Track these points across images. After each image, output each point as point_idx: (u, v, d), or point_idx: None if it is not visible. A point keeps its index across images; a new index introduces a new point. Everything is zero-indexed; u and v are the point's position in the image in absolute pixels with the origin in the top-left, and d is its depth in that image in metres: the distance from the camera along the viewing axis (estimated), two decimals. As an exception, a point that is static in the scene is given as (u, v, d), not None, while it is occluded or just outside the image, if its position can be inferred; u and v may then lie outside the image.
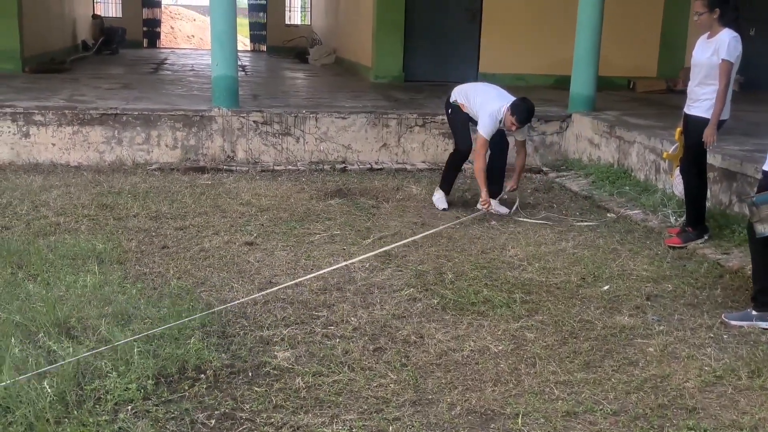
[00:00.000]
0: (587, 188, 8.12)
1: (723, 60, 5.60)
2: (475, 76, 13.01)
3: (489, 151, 6.98)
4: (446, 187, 7.28)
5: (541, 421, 3.47)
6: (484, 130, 6.69)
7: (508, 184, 7.16)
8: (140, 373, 3.64)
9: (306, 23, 23.82)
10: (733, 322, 4.62)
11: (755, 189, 4.76)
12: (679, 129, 6.13)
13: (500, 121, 6.74)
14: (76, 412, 3.33)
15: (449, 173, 7.28)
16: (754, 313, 4.63)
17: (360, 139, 8.99)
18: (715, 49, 5.67)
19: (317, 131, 8.89)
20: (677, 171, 6.26)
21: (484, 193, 6.80)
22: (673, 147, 6.28)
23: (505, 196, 7.21)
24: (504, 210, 7.03)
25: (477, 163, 6.80)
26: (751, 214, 4.55)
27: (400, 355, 4.09)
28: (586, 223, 6.73)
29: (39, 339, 3.95)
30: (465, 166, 7.47)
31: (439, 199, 7.22)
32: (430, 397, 3.67)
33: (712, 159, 6.51)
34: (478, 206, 6.94)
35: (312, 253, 5.66)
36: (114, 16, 21.88)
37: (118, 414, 3.36)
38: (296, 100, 10.09)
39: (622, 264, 5.66)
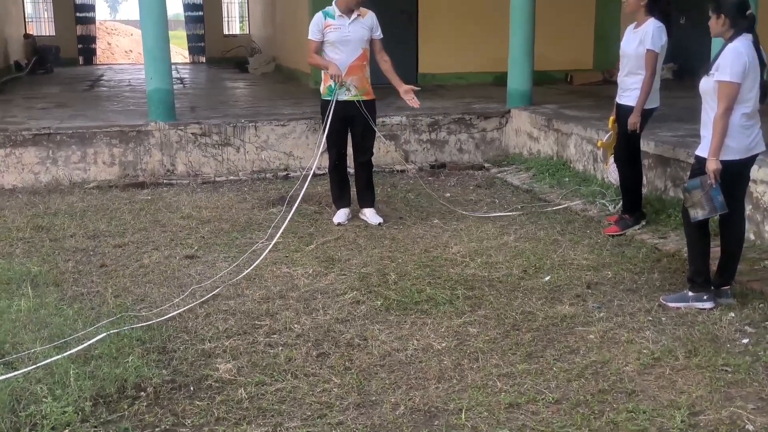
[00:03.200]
0: (528, 182, 8.21)
1: (648, 50, 5.72)
2: (414, 78, 13.09)
3: (343, 150, 6.66)
4: (338, 203, 6.83)
5: (485, 415, 3.49)
6: (311, 33, 6.40)
7: (402, 91, 6.55)
8: (77, 396, 3.57)
9: (245, 32, 23.68)
10: (671, 304, 4.72)
11: (688, 174, 4.86)
12: (612, 118, 6.24)
13: (328, 16, 6.33)
14: (10, 440, 3.25)
15: (332, 186, 6.86)
16: (690, 294, 4.73)
17: (301, 145, 8.95)
18: (641, 40, 5.79)
19: (257, 140, 8.83)
20: (611, 159, 6.37)
21: (331, 68, 6.28)
22: (607, 135, 6.38)
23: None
24: (377, 220, 6.65)
25: (309, 59, 6.53)
26: (684, 199, 4.64)
27: (343, 359, 4.08)
28: (509, 214, 6.81)
29: (-30, 367, 3.84)
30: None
31: (336, 215, 6.77)
32: (373, 398, 3.67)
33: (646, 146, 6.64)
34: (331, 79, 6.36)
35: (252, 262, 5.61)
36: (47, 34, 21.46)
37: (54, 439, 3.28)
38: (235, 110, 10.01)
39: (562, 254, 5.73)
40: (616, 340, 4.25)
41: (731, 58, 4.40)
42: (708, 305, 4.66)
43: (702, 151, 4.61)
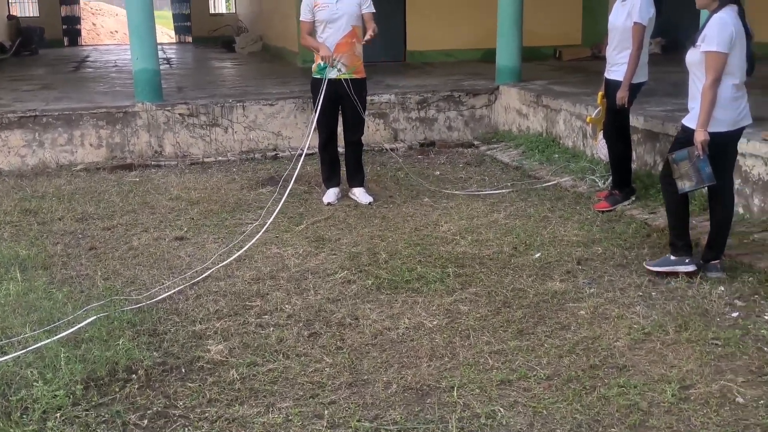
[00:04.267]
0: (518, 159, 8.19)
1: (635, 23, 5.70)
2: (402, 55, 13.03)
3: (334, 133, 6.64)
4: (327, 183, 6.80)
5: (476, 392, 3.50)
6: (302, 14, 6.37)
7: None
8: (68, 379, 3.56)
9: (231, 11, 23.48)
10: (654, 268, 4.78)
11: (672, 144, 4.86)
12: (600, 93, 6.23)
13: None
14: (1, 424, 3.23)
15: (322, 166, 6.84)
16: (672, 257, 4.79)
17: (290, 125, 8.90)
18: (628, 12, 5.77)
19: (245, 120, 8.78)
20: (601, 135, 6.36)
21: (322, 50, 6.27)
22: (596, 111, 6.37)
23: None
24: (367, 199, 6.61)
25: (302, 41, 6.49)
26: (672, 170, 4.64)
27: (335, 338, 4.08)
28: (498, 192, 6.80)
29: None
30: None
31: (325, 194, 6.74)
32: (365, 377, 3.67)
33: (635, 121, 6.63)
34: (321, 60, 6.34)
35: (244, 244, 5.59)
36: (31, 15, 21.23)
37: (46, 422, 3.27)
38: (223, 90, 9.93)
39: (552, 231, 5.73)
40: (607, 316, 4.26)
41: (717, 29, 4.39)
42: (690, 268, 4.72)
43: (689, 121, 4.62)
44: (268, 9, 16.55)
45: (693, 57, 4.55)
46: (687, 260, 4.75)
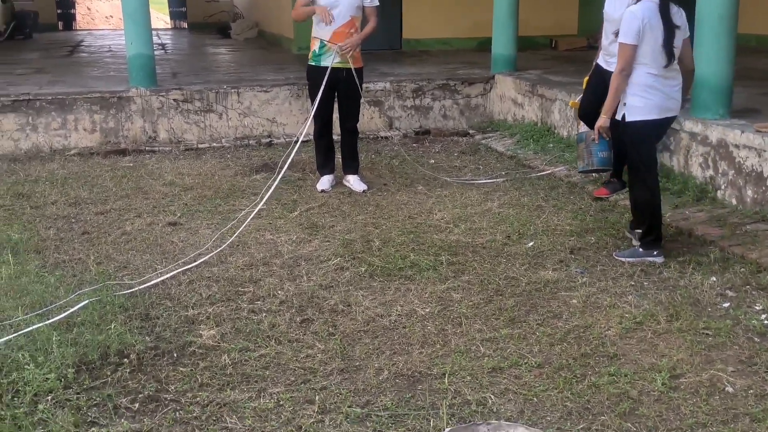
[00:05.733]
0: (512, 148, 8.19)
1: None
2: (399, 43, 13.00)
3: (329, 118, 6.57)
4: (321, 170, 6.75)
5: (468, 379, 3.51)
6: None
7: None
8: (60, 362, 3.55)
9: (227, -3, 23.33)
10: (622, 259, 4.89)
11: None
12: (586, 78, 6.24)
13: None
14: (-8, 407, 3.23)
15: (317, 153, 6.77)
16: (640, 249, 4.91)
17: (284, 111, 8.88)
18: (629, 4, 5.73)
19: (240, 106, 8.75)
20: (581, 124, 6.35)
21: (319, 10, 6.21)
22: (580, 97, 6.37)
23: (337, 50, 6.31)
24: (362, 187, 6.60)
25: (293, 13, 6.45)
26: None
27: (327, 324, 4.08)
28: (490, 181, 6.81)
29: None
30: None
31: (319, 181, 6.71)
32: (357, 363, 3.68)
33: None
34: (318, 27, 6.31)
35: (237, 229, 5.59)
36: (25, -1, 21.06)
37: (37, 405, 3.27)
38: (218, 76, 9.89)
39: (546, 220, 5.74)
40: (599, 305, 4.28)
41: (626, 21, 4.65)
42: (659, 260, 4.83)
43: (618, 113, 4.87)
44: (264, -5, 16.47)
45: (614, 47, 4.91)
46: (655, 252, 4.86)
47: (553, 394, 3.38)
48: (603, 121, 4.79)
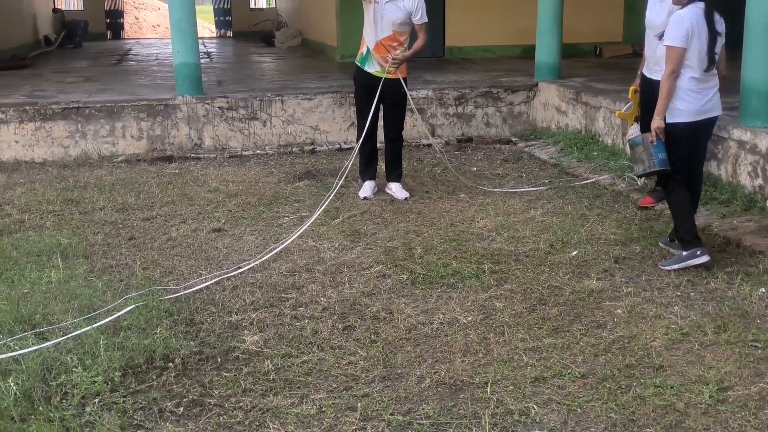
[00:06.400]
0: (556, 156, 8.13)
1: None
2: (441, 51, 12.99)
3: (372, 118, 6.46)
4: (363, 176, 6.80)
5: (510, 389, 3.49)
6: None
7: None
8: (107, 366, 3.61)
9: (271, 6, 23.63)
10: (668, 268, 4.85)
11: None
12: (633, 88, 6.16)
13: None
14: (41, 408, 3.30)
15: (360, 159, 6.79)
16: (684, 253, 4.86)
17: (327, 119, 8.93)
18: (670, 10, 5.66)
19: (284, 114, 8.83)
20: (631, 129, 6.26)
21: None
22: (627, 105, 6.29)
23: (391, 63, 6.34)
24: (404, 194, 6.61)
25: None
26: (630, 154, 5.02)
27: (369, 332, 4.09)
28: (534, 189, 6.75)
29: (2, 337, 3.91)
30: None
31: (361, 188, 6.75)
32: (399, 371, 3.68)
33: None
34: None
35: (281, 237, 5.63)
36: (75, 9, 21.58)
37: (84, 407, 3.33)
38: (262, 84, 10.00)
39: (590, 229, 5.68)
40: (644, 315, 4.22)
41: (674, 24, 4.73)
42: (703, 259, 4.75)
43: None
44: (307, 4, 16.61)
45: (660, 51, 5.00)
46: (699, 252, 4.78)
47: (597, 405, 3.34)
48: (658, 122, 4.82)
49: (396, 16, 6.26)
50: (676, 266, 4.81)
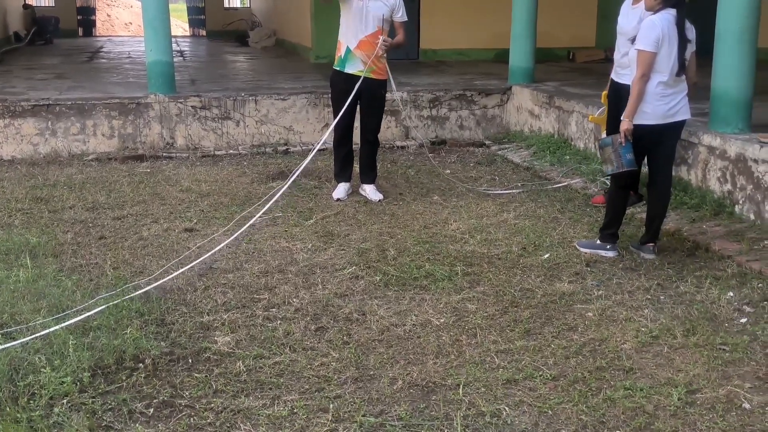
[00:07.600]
0: (528, 159, 8.18)
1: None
2: (416, 54, 13.02)
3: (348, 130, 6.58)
4: (338, 177, 6.78)
5: (482, 390, 3.50)
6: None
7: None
8: (76, 366, 3.57)
9: (245, 5, 23.53)
10: (581, 249, 5.29)
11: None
12: (605, 93, 6.24)
13: None
14: (8, 409, 3.25)
15: (335, 161, 6.80)
16: (598, 242, 5.29)
17: (301, 120, 8.91)
18: (641, 17, 5.72)
19: (257, 114, 8.79)
20: (604, 134, 6.33)
21: None
22: (600, 110, 6.38)
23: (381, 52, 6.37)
24: (378, 196, 6.61)
25: None
26: (600, 155, 5.23)
27: (342, 333, 4.08)
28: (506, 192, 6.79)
29: (-31, 337, 3.85)
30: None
31: (335, 190, 6.73)
32: (371, 373, 3.67)
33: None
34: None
35: (253, 237, 5.61)
36: (46, 5, 21.32)
37: (53, 408, 3.29)
38: (235, 84, 9.95)
39: (562, 232, 5.72)
40: (615, 318, 4.25)
41: (646, 30, 4.86)
42: (610, 254, 5.19)
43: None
44: (282, 4, 16.57)
45: (631, 54, 5.09)
46: (608, 246, 5.22)
47: (567, 407, 3.36)
48: (627, 124, 4.94)
49: (381, 12, 6.29)
50: (587, 250, 5.25)
